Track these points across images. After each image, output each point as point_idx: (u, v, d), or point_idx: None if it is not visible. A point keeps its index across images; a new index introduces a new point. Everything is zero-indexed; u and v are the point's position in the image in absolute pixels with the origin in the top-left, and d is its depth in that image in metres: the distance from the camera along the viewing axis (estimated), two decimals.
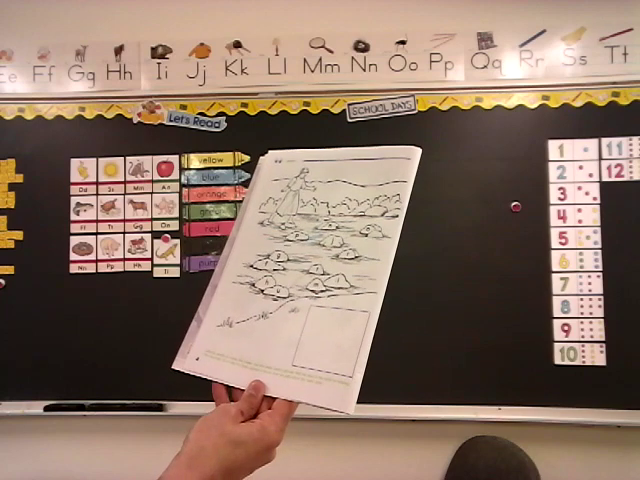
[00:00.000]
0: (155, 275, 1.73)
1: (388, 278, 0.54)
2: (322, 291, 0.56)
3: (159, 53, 1.80)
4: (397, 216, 0.57)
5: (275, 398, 0.53)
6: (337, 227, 0.59)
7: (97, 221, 1.76)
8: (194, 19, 1.81)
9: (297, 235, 0.61)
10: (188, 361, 0.61)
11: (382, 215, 0.57)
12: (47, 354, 1.72)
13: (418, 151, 0.59)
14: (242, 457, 0.49)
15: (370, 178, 0.60)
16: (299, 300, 0.57)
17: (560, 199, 1.65)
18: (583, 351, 1.61)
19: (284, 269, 0.60)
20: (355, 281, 0.55)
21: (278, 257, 0.61)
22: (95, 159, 1.76)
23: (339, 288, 0.56)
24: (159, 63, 1.80)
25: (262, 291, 0.59)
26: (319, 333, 0.54)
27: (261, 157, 0.70)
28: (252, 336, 0.57)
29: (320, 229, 0.60)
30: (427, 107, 1.69)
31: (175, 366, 0.62)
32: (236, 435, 0.49)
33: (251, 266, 0.62)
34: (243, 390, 0.54)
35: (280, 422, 0.51)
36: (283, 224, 0.63)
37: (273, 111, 1.73)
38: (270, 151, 0.70)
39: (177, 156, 1.75)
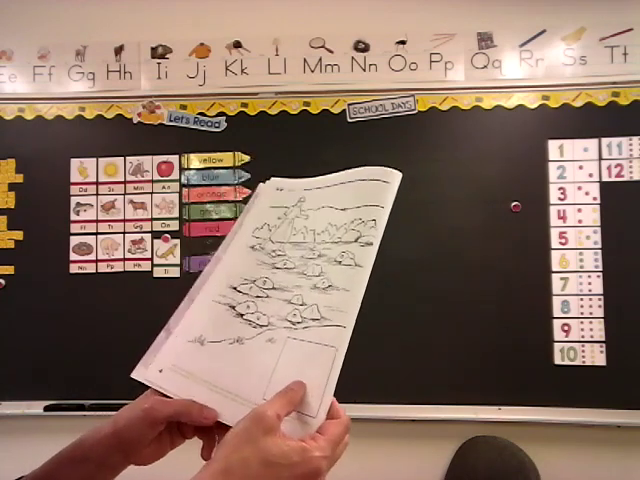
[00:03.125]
0: (155, 275, 1.73)
1: (358, 311, 0.52)
2: (299, 322, 0.54)
3: (159, 53, 1.80)
4: (371, 244, 0.54)
5: None
6: (319, 255, 0.57)
7: (97, 221, 1.76)
8: (194, 19, 1.81)
9: (285, 263, 0.59)
10: (150, 372, 0.58)
11: (356, 240, 0.55)
12: (47, 354, 1.72)
13: (398, 175, 0.57)
14: None
15: (349, 201, 0.59)
16: (277, 330, 0.54)
17: (560, 199, 1.65)
18: (583, 351, 1.61)
19: (267, 296, 0.58)
20: (326, 312, 0.53)
21: (264, 284, 0.59)
22: (95, 159, 1.76)
23: (312, 319, 0.53)
24: (159, 63, 1.80)
25: (241, 315, 0.57)
26: (290, 368, 0.52)
27: (261, 184, 0.68)
28: (224, 360, 0.55)
29: (306, 257, 0.58)
30: (427, 107, 1.69)
31: (135, 375, 0.58)
32: (270, 454, 0.43)
33: (234, 288, 0.60)
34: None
35: (326, 447, 0.45)
36: (274, 251, 0.61)
37: (273, 111, 1.73)
38: (273, 178, 0.68)
39: (177, 156, 1.75)
